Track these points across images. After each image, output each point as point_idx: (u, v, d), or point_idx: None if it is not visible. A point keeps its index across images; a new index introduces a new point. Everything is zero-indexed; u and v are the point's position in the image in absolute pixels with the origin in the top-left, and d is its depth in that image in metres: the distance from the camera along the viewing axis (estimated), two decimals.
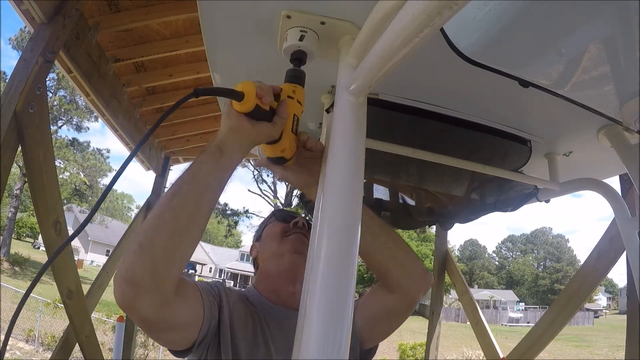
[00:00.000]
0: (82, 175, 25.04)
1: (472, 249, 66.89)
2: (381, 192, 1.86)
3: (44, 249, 2.24)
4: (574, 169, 1.51)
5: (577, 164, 1.51)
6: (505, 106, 1.19)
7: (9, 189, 19.85)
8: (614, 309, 47.40)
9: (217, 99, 1.67)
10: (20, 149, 1.86)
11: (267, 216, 1.24)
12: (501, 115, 1.24)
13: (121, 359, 3.40)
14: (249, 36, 0.95)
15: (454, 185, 1.71)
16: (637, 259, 1.17)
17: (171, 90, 3.30)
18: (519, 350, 2.55)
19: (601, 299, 51.48)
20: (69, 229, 4.20)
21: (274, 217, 1.18)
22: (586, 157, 1.48)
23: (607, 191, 1.34)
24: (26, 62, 1.82)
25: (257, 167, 1.86)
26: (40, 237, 3.62)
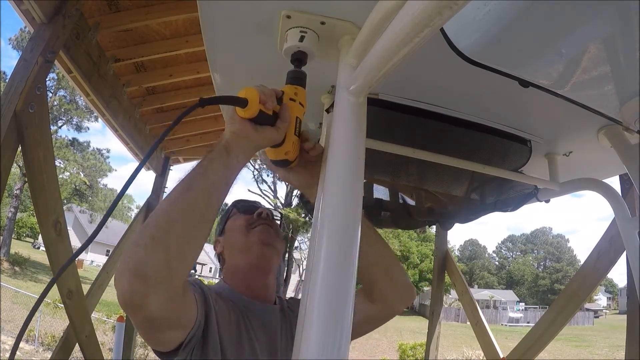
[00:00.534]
0: (82, 175, 25.04)
1: (472, 249, 66.88)
2: (381, 192, 1.85)
3: (44, 249, 2.24)
4: (574, 169, 1.51)
5: (577, 164, 1.50)
6: (505, 106, 1.19)
7: (9, 189, 19.84)
8: (614, 309, 47.41)
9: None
10: (20, 149, 1.86)
11: (227, 208, 1.18)
12: (501, 115, 1.24)
13: (121, 359, 3.40)
14: (249, 36, 0.95)
15: (454, 185, 1.71)
16: (637, 259, 1.16)
17: (171, 90, 3.29)
18: (519, 350, 2.55)
19: (601, 299, 51.45)
20: (69, 229, 4.20)
21: (236, 208, 1.14)
22: (586, 157, 1.48)
23: (607, 191, 1.34)
24: (26, 62, 1.82)
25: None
26: (40, 237, 3.62)
